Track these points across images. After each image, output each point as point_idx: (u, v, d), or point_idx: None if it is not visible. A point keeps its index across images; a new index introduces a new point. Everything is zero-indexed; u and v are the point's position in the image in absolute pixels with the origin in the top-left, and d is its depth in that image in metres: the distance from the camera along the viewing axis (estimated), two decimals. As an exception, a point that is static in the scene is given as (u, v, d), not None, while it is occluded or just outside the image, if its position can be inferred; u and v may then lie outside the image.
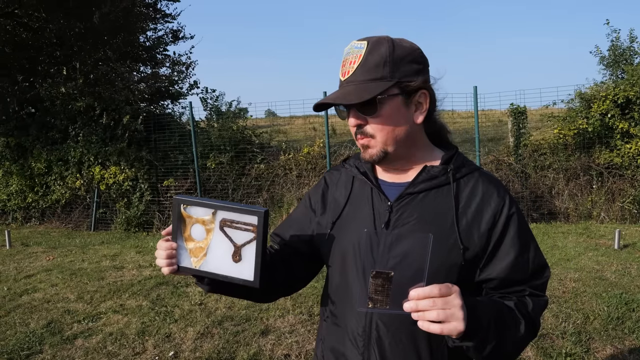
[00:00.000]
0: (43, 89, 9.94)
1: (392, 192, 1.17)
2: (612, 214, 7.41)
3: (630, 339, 3.46)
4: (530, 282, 1.14)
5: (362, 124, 1.13)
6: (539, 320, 1.14)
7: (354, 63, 1.10)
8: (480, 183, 1.15)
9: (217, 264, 1.11)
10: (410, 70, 1.10)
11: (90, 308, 4.43)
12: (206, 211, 1.11)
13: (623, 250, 5.63)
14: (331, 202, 1.29)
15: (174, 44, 12.70)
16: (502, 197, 1.14)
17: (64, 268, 5.92)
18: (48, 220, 10.30)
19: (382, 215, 1.16)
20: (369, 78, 1.09)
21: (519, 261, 1.12)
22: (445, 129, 1.26)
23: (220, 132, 9.48)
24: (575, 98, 8.01)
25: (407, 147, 1.16)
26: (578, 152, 7.83)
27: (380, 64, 1.08)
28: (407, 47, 1.12)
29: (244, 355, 3.39)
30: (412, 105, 1.13)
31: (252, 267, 1.09)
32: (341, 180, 1.30)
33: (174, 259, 1.13)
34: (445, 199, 1.13)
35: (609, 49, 11.50)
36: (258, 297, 1.30)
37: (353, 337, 1.17)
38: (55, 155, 9.96)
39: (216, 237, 1.11)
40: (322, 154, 8.90)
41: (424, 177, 1.15)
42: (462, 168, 1.17)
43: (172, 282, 5.05)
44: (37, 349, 3.64)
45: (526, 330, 1.08)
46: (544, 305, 1.16)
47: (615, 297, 4.09)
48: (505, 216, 1.12)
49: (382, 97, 1.08)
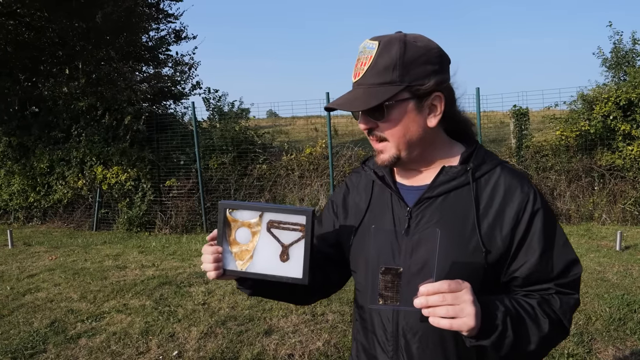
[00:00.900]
0: (45, 88, 9.98)
1: (410, 197, 1.15)
2: (613, 215, 7.42)
3: (632, 340, 3.47)
4: (556, 280, 1.09)
5: (373, 127, 1.10)
6: (569, 319, 1.08)
7: (364, 65, 1.07)
8: (502, 179, 1.10)
9: (264, 265, 1.14)
10: (422, 73, 1.06)
11: (94, 307, 4.45)
12: (253, 214, 1.14)
13: (625, 252, 5.64)
14: (352, 206, 1.27)
15: (176, 44, 12.73)
16: (525, 192, 1.08)
17: (67, 268, 5.94)
18: (50, 220, 10.32)
19: (402, 221, 1.14)
20: (378, 82, 1.05)
21: (544, 259, 1.07)
22: (468, 123, 1.20)
23: (222, 132, 9.50)
24: (577, 100, 8.02)
25: (422, 149, 1.13)
26: (580, 154, 7.84)
27: (390, 67, 1.04)
28: (420, 47, 1.06)
29: (248, 355, 3.40)
30: (425, 109, 1.08)
31: (300, 265, 1.11)
32: (361, 183, 1.28)
33: (220, 263, 1.14)
34: (466, 201, 1.09)
35: (612, 51, 11.54)
36: (298, 300, 1.32)
37: (382, 341, 1.17)
38: (58, 155, 9.98)
39: (263, 238, 1.13)
40: (324, 155, 8.91)
41: (442, 179, 1.11)
42: (482, 165, 1.12)
43: (175, 282, 5.07)
44: (40, 348, 3.66)
45: (551, 329, 1.04)
46: (574, 303, 1.10)
47: (617, 298, 4.10)
48: (529, 213, 1.07)
49: (389, 103, 1.05)
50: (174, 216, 9.26)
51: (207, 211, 9.18)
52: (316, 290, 1.31)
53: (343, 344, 3.52)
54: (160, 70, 12.01)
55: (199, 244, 7.31)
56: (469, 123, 1.20)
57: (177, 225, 9.16)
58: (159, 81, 11.09)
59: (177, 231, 9.07)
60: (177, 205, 9.31)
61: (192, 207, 9.30)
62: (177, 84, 11.94)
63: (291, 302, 1.35)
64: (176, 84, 11.89)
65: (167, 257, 6.37)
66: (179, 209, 9.27)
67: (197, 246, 7.09)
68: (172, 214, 9.30)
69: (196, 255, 6.39)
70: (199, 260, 6.05)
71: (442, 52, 1.09)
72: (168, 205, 9.43)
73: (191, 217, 9.27)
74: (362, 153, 8.99)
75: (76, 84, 9.88)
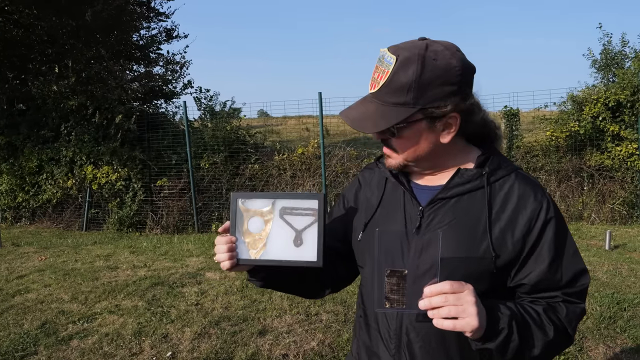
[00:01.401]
0: (34, 87, 9.87)
1: (424, 196, 1.15)
2: (602, 215, 7.51)
3: (622, 338, 3.52)
4: (564, 289, 1.09)
5: (384, 139, 1.11)
6: (574, 327, 1.08)
7: (381, 78, 1.05)
8: (516, 186, 1.10)
9: (278, 252, 1.15)
10: (439, 94, 1.02)
11: (85, 309, 4.41)
12: (265, 202, 1.16)
13: (614, 251, 5.71)
14: (364, 202, 1.27)
15: (167, 43, 12.66)
16: (539, 201, 1.09)
17: (57, 268, 5.88)
18: (39, 220, 10.21)
19: (414, 220, 1.14)
20: (392, 101, 1.04)
21: (553, 268, 1.08)
22: (490, 126, 1.17)
23: (214, 132, 9.46)
24: (567, 101, 8.11)
25: (432, 160, 1.13)
26: (569, 154, 7.92)
27: (405, 89, 1.01)
28: (440, 66, 1.01)
29: (242, 355, 3.39)
30: (438, 127, 1.07)
31: (314, 248, 1.13)
32: (374, 180, 1.28)
33: (234, 252, 1.15)
34: (479, 204, 1.09)
35: (601, 53, 11.67)
36: (308, 292, 1.33)
37: (385, 339, 1.18)
38: (47, 155, 9.87)
39: (276, 226, 1.15)
40: (316, 155, 8.91)
41: (457, 181, 1.11)
42: (498, 170, 1.11)
43: (167, 283, 5.04)
44: (31, 350, 3.62)
45: (556, 336, 1.04)
46: (580, 313, 1.10)
47: (607, 297, 4.15)
48: (542, 221, 1.07)
49: (400, 126, 1.04)
50: (165, 216, 9.21)
51: (199, 211, 9.15)
52: (326, 283, 1.32)
53: (337, 344, 3.53)
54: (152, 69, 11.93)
55: (190, 244, 7.28)
56: (492, 126, 1.17)
57: (169, 225, 9.11)
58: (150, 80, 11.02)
59: (169, 231, 9.02)
60: (168, 205, 9.26)
61: (183, 207, 9.26)
62: (168, 83, 11.87)
63: (301, 294, 1.35)
64: (167, 83, 11.82)
65: (158, 258, 6.33)
66: (170, 209, 9.22)
67: (189, 246, 7.06)
68: (163, 214, 9.25)
69: (188, 256, 6.36)
70: (192, 261, 6.04)
71: (465, 67, 1.04)
72: (159, 205, 9.37)
73: (182, 217, 9.23)
74: (354, 153, 9.01)
75: (66, 83, 9.78)
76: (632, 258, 5.36)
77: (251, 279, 1.22)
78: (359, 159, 8.93)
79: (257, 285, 1.23)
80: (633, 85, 7.39)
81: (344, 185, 8.58)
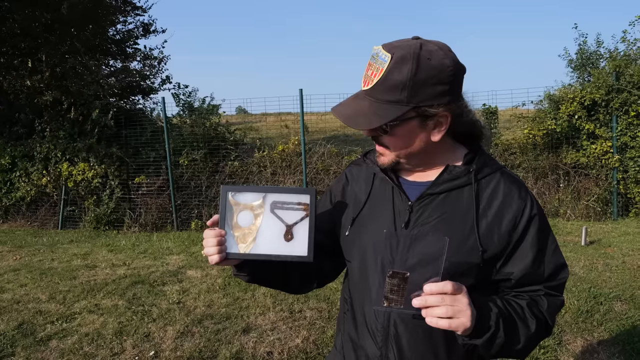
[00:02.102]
0: (6, 81, 9.58)
1: (413, 192, 1.17)
2: (577, 212, 7.68)
3: (599, 331, 3.61)
4: (546, 283, 1.15)
5: (376, 135, 1.12)
6: (554, 319, 1.16)
7: (374, 75, 1.06)
8: (502, 183, 1.14)
9: (268, 246, 1.15)
10: (432, 93, 1.04)
11: (64, 308, 4.31)
12: (256, 196, 1.15)
13: (589, 247, 5.85)
14: (351, 197, 1.28)
15: (144, 37, 12.41)
16: (523, 198, 1.13)
17: (33, 267, 5.73)
18: (12, 219, 9.94)
19: (403, 215, 1.16)
20: (385, 99, 1.05)
21: (536, 263, 1.13)
22: (476, 125, 1.20)
23: (193, 128, 9.35)
24: (544, 99, 8.26)
25: (423, 157, 1.16)
26: (546, 152, 8.08)
27: (398, 87, 1.03)
28: (434, 66, 1.03)
29: (227, 353, 3.37)
30: (429, 125, 1.09)
31: (305, 243, 1.14)
32: (362, 175, 1.29)
33: (223, 246, 1.14)
34: (466, 200, 1.13)
35: (577, 53, 11.92)
36: (293, 287, 1.33)
37: (372, 331, 1.19)
38: (20, 151, 9.62)
39: (266, 220, 1.15)
40: (296, 152, 8.89)
41: (446, 177, 1.14)
42: (484, 168, 1.15)
43: (147, 281, 4.97)
44: (8, 352, 3.52)
45: (538, 329, 1.10)
46: (559, 305, 1.16)
47: (584, 292, 4.25)
48: (526, 218, 1.12)
49: (393, 123, 1.06)
50: (143, 214, 9.07)
51: (178, 209, 9.03)
52: (311, 279, 1.32)
53: (322, 341, 3.53)
54: (129, 64, 11.70)
55: (170, 241, 7.18)
56: (478, 125, 1.20)
57: (147, 223, 8.97)
58: (127, 75, 10.81)
59: (147, 229, 8.88)
60: (146, 203, 9.12)
61: (162, 204, 9.12)
62: (146, 79, 11.66)
63: (287, 289, 1.35)
64: (145, 78, 11.61)
65: (138, 256, 6.23)
66: (149, 207, 9.08)
67: (168, 244, 6.97)
68: (141, 211, 9.10)
69: (168, 254, 6.28)
70: (172, 259, 5.96)
71: (457, 68, 1.06)
72: (137, 202, 9.23)
73: (161, 214, 9.10)
74: (335, 150, 9.01)
75: (40, 77, 9.52)
76: (607, 253, 5.50)
77: (238, 274, 1.22)
78: (339, 156, 8.94)
79: (244, 280, 1.23)
80: (607, 85, 7.56)
81: (324, 182, 8.58)
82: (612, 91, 7.56)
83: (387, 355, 1.16)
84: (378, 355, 1.18)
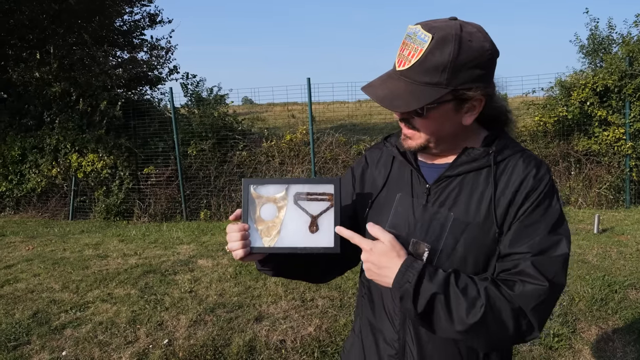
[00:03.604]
0: (15, 73, 9.59)
1: (431, 174, 1.16)
2: (589, 199, 7.61)
3: (614, 319, 3.58)
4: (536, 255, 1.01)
5: (407, 118, 1.10)
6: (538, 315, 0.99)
7: (412, 56, 1.02)
8: (520, 163, 1.10)
9: (293, 238, 1.13)
10: (470, 77, 1.02)
11: (77, 297, 4.35)
12: (278, 188, 1.13)
13: (602, 235, 5.80)
14: (370, 180, 1.28)
15: (151, 28, 12.38)
16: (539, 179, 1.07)
17: (45, 258, 5.78)
18: (23, 210, 10.02)
19: (420, 198, 1.15)
20: (424, 81, 1.01)
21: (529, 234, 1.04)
22: (502, 109, 1.17)
23: (201, 118, 9.33)
24: (555, 86, 8.15)
25: (450, 141, 1.14)
26: (557, 139, 7.99)
27: (439, 69, 0.99)
28: (475, 49, 1.00)
29: (240, 341, 3.38)
30: (463, 108, 1.07)
31: (331, 234, 1.12)
32: (381, 159, 1.28)
33: (248, 240, 1.12)
34: (485, 182, 1.10)
35: (588, 38, 11.72)
36: (317, 277, 1.32)
37: (389, 314, 1.19)
38: (30, 143, 9.66)
39: (290, 212, 1.13)
40: (304, 141, 8.86)
41: (464, 159, 1.12)
42: (504, 150, 1.12)
43: (159, 271, 4.99)
44: (24, 340, 3.56)
45: (488, 312, 0.96)
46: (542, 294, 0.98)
47: (598, 280, 4.22)
48: (535, 197, 1.05)
49: (431, 106, 1.03)
50: (152, 204, 9.10)
51: (187, 199, 9.06)
52: (335, 267, 1.31)
53: (334, 329, 3.53)
54: (136, 54, 11.67)
55: (180, 231, 7.21)
56: (503, 109, 1.18)
57: (157, 213, 9.00)
58: (134, 66, 10.78)
59: (157, 219, 8.92)
60: (155, 193, 9.15)
61: (171, 194, 9.15)
62: (153, 69, 11.63)
63: (309, 279, 1.35)
64: (152, 68, 11.58)
65: (148, 246, 6.26)
66: (158, 197, 9.11)
67: (178, 234, 6.99)
68: (150, 202, 9.14)
69: (179, 243, 6.31)
70: (182, 248, 5.98)
71: (494, 51, 1.04)
72: (146, 193, 9.26)
73: (170, 205, 9.13)
74: (343, 139, 8.97)
75: (48, 69, 9.51)
76: (620, 241, 5.45)
77: (262, 269, 1.20)
78: (348, 145, 8.90)
79: (269, 274, 1.22)
80: (620, 70, 7.44)
81: (333, 172, 8.55)
82: (625, 77, 7.44)
83: (404, 339, 1.16)
84: (396, 339, 1.17)
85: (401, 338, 1.16)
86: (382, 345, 1.20)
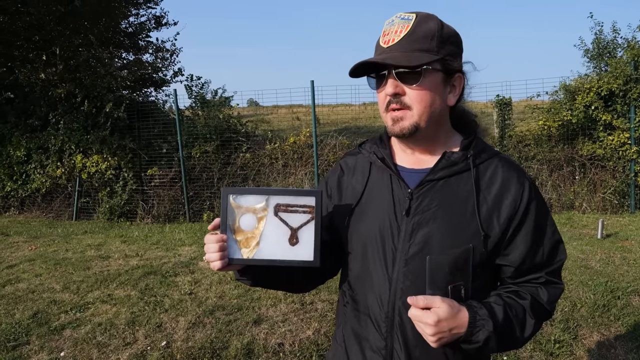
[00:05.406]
0: (21, 74, 9.66)
1: (411, 179, 1.16)
2: (593, 204, 7.56)
3: (616, 326, 3.54)
4: (546, 269, 1.16)
5: (400, 93, 1.10)
6: (554, 306, 1.19)
7: (399, 32, 1.09)
8: (500, 168, 1.15)
9: (272, 250, 1.11)
10: (452, 51, 1.12)
11: (77, 298, 4.35)
12: (259, 199, 1.11)
13: (606, 240, 5.75)
14: (348, 188, 1.27)
15: (156, 30, 12.45)
16: (521, 182, 1.14)
17: (48, 258, 5.80)
18: (28, 210, 10.08)
19: (403, 203, 1.15)
20: (416, 48, 1.08)
21: (535, 247, 1.14)
22: (468, 114, 1.25)
23: (205, 120, 9.36)
24: (559, 90, 8.11)
25: (435, 127, 1.16)
26: (562, 144, 7.95)
27: (429, 37, 1.08)
28: (452, 28, 1.13)
29: (238, 344, 3.37)
30: (448, 86, 1.13)
31: (311, 247, 1.10)
32: (357, 166, 1.28)
33: (226, 252, 1.11)
34: (466, 186, 1.13)
35: (593, 42, 11.67)
36: (297, 287, 1.33)
37: (376, 322, 1.17)
38: (35, 143, 9.72)
39: (270, 223, 1.11)
40: (308, 144, 8.85)
41: (444, 163, 1.14)
42: (482, 154, 1.16)
43: (160, 272, 4.99)
44: (23, 340, 3.56)
45: (537, 324, 1.14)
46: (559, 293, 1.19)
47: (600, 285, 4.18)
48: (525, 202, 1.12)
49: (427, 68, 1.07)
50: (156, 205, 9.12)
51: (190, 200, 9.07)
52: (315, 278, 1.30)
53: (333, 333, 3.51)
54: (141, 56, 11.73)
55: (182, 233, 7.22)
56: (470, 115, 1.25)
57: (160, 214, 9.02)
58: (139, 68, 10.84)
59: (160, 221, 8.94)
60: (159, 195, 9.17)
61: (174, 196, 9.17)
62: (158, 71, 11.69)
63: (289, 290, 1.35)
64: (157, 70, 11.64)
65: (150, 247, 6.27)
66: (161, 198, 9.14)
67: (180, 235, 7.00)
68: (154, 203, 9.16)
69: (180, 245, 6.31)
70: (184, 250, 5.99)
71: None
72: (150, 194, 9.28)
73: (174, 206, 9.15)
74: (347, 142, 8.97)
75: (54, 70, 9.58)
76: (624, 247, 5.41)
77: (241, 279, 1.19)
78: (351, 148, 8.89)
79: (247, 284, 1.21)
80: (625, 75, 7.40)
81: (336, 175, 8.53)
82: (630, 81, 7.39)
83: (392, 345, 1.15)
84: (383, 346, 1.16)
85: (389, 345, 1.15)
86: (368, 354, 1.19)
